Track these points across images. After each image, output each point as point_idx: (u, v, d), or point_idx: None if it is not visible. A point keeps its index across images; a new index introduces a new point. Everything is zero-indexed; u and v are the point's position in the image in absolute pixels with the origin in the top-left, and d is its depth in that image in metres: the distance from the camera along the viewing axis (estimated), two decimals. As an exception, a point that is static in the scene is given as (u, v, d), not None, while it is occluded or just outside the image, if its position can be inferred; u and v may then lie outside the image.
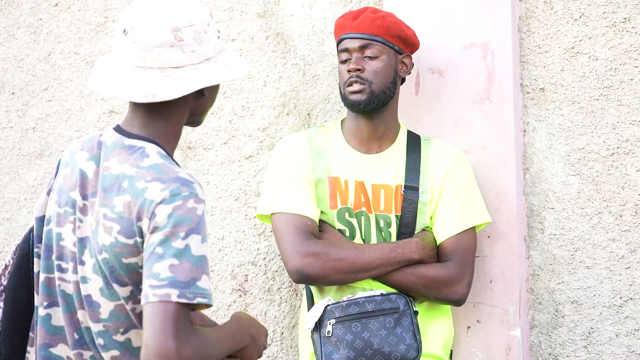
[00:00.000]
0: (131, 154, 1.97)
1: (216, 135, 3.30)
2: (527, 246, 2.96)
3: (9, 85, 3.59)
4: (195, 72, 1.99)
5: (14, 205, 3.57)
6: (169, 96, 1.95)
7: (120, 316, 1.95)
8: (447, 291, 2.74)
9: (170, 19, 1.97)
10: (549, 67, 2.95)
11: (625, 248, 2.86)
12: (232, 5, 3.32)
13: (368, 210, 2.76)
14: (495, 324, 2.90)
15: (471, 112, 2.94)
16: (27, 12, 3.58)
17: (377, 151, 2.81)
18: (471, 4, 2.95)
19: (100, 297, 1.94)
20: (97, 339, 1.96)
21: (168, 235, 1.86)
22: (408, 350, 2.64)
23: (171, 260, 1.85)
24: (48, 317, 2.03)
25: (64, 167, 2.06)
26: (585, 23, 2.90)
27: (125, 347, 1.96)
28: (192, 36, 1.98)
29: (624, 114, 2.86)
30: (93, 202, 1.98)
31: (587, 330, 2.90)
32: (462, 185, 2.81)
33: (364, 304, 2.65)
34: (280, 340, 3.20)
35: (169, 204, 1.88)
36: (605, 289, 2.89)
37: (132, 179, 1.93)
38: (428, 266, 2.74)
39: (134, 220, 1.90)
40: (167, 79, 1.96)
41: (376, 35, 2.75)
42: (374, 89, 2.74)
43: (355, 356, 2.63)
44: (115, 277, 1.93)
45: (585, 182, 2.92)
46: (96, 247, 1.94)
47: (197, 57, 1.99)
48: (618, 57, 2.87)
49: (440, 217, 2.77)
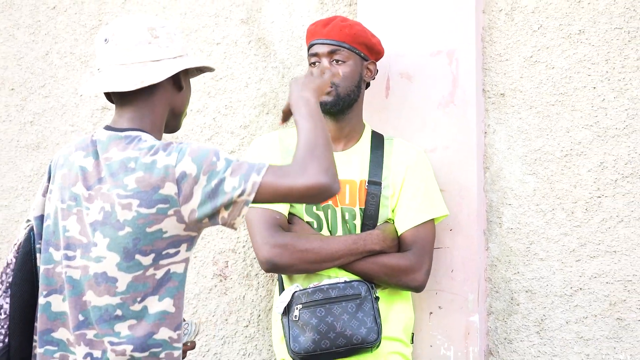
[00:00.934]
0: (129, 142, 2.09)
1: (201, 131, 3.32)
2: (486, 239, 3.01)
3: (8, 81, 3.58)
4: (173, 62, 2.14)
5: (12, 194, 3.55)
6: (156, 79, 2.10)
7: (138, 286, 2.04)
8: (406, 279, 2.80)
9: (145, 22, 2.15)
10: (509, 74, 2.99)
11: (576, 242, 2.92)
12: (218, 12, 3.32)
13: (334, 203, 2.81)
14: (455, 310, 2.95)
15: (437, 115, 2.97)
16: (27, 14, 3.57)
17: (342, 149, 2.86)
18: (439, 15, 2.98)
19: (117, 272, 2.04)
20: (114, 313, 2.04)
21: (209, 168, 2.02)
22: (369, 333, 2.70)
23: (228, 172, 2.01)
24: (48, 305, 2.11)
25: (59, 169, 2.15)
26: (543, 34, 2.95)
27: (142, 315, 2.05)
28: (165, 35, 2.15)
29: (577, 118, 2.92)
30: (98, 189, 2.07)
31: (540, 317, 2.96)
32: (421, 180, 2.85)
33: (327, 290, 2.71)
34: (257, 322, 3.23)
35: (183, 157, 2.03)
36: (557, 280, 2.94)
37: (137, 159, 2.05)
38: (389, 256, 2.79)
39: (154, 190, 2.03)
40: (149, 69, 2.12)
41: (344, 42, 2.80)
42: (340, 91, 2.79)
43: (319, 339, 2.70)
44: (139, 248, 2.03)
45: (540, 180, 2.96)
46: (117, 225, 2.04)
47: (172, 52, 2.15)
48: (573, 66, 2.92)
49: (401, 210, 2.81)
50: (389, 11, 3.03)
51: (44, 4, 3.54)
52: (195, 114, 3.33)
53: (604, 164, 2.90)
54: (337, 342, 2.70)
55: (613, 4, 2.88)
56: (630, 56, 2.86)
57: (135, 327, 2.05)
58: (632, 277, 2.87)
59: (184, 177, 2.03)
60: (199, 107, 3.32)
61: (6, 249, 3.58)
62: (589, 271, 2.91)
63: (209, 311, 3.28)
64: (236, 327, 3.26)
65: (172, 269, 2.07)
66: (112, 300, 2.05)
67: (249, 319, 3.24)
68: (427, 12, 3.00)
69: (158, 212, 2.03)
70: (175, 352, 2.08)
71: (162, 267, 2.05)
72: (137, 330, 2.05)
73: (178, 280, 2.08)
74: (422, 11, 3.01)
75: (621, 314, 2.88)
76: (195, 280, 3.26)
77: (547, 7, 2.94)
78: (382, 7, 3.03)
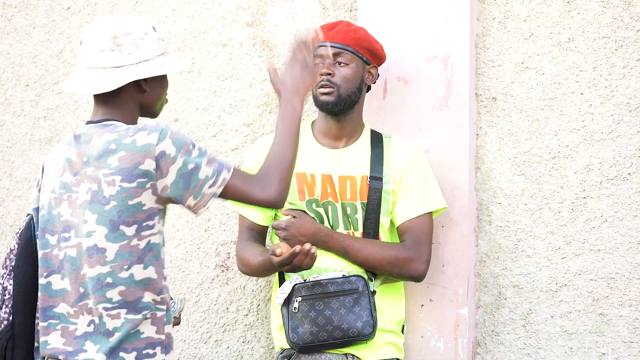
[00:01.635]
0: (105, 127, 2.28)
1: (206, 129, 3.33)
2: (476, 236, 3.03)
3: (24, 78, 3.59)
4: (132, 70, 2.27)
5: (25, 185, 3.58)
6: (108, 88, 2.26)
7: (124, 254, 2.22)
8: (408, 268, 2.83)
9: (111, 29, 2.28)
10: (500, 79, 3.01)
11: (562, 240, 2.95)
12: (224, 15, 3.33)
13: (334, 199, 2.86)
14: (445, 303, 2.98)
15: (431, 117, 3.00)
16: (42, 14, 3.57)
17: (344, 146, 2.90)
18: (435, 22, 3.00)
19: (105, 243, 2.22)
20: (105, 280, 2.23)
21: (186, 153, 2.21)
22: (364, 327, 2.76)
23: (204, 162, 2.21)
24: (49, 284, 2.29)
25: (49, 165, 2.34)
26: (534, 42, 2.97)
27: (129, 282, 2.23)
28: (129, 42, 2.27)
29: (565, 122, 2.95)
30: (84, 173, 2.26)
31: (526, 312, 2.99)
32: (419, 175, 2.88)
33: (326, 285, 2.77)
34: (257, 312, 3.26)
35: (164, 138, 2.22)
36: (543, 276, 2.96)
37: (117, 140, 2.24)
38: (390, 247, 2.84)
39: (134, 166, 2.21)
40: (109, 76, 2.27)
41: (348, 46, 2.84)
42: (342, 92, 2.83)
43: (317, 331, 2.76)
44: (123, 219, 2.21)
45: (529, 181, 2.98)
46: (103, 201, 2.22)
47: (135, 58, 2.28)
48: (562, 73, 2.95)
49: (400, 203, 2.85)
50: (388, 17, 3.06)
51: (59, 5, 3.56)
52: (201, 112, 3.35)
53: (590, 166, 2.93)
54: (334, 334, 2.76)
55: (601, 14, 2.91)
56: (617, 64, 2.90)
57: (124, 293, 2.24)
58: (615, 275, 2.91)
59: (163, 155, 2.21)
60: (204, 106, 3.34)
61: (17, 237, 3.65)
62: (573, 268, 2.94)
63: (211, 300, 3.32)
64: (236, 316, 3.30)
65: (151, 240, 2.25)
66: (102, 269, 2.24)
67: (248, 308, 3.27)
68: (424, 19, 3.03)
69: (138, 186, 2.22)
70: (158, 312, 2.27)
71: (144, 238, 2.24)
72: (126, 295, 2.24)
73: (157, 250, 2.26)
74: (419, 18, 3.03)
75: (604, 309, 2.91)
76: (198, 271, 3.33)
77: (538, 16, 2.97)
78: (381, 13, 3.06)
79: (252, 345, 3.28)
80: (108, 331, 2.25)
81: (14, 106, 3.62)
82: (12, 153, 3.62)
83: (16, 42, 3.62)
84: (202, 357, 3.34)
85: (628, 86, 2.90)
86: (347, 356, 2.82)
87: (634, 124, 2.90)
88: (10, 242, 3.50)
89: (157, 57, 2.32)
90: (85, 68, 2.31)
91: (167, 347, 2.30)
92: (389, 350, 2.86)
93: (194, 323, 3.35)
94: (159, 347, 2.28)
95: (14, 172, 3.62)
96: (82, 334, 2.26)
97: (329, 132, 2.92)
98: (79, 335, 2.27)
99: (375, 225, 2.87)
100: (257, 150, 2.94)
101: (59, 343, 2.28)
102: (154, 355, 2.27)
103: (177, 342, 3.35)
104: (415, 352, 3.02)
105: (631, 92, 2.90)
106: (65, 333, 2.28)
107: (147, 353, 2.26)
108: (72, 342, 2.27)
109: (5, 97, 3.64)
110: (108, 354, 2.24)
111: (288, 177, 2.29)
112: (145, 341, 2.26)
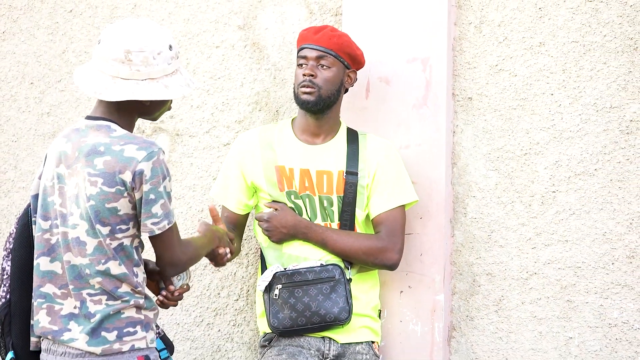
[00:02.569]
0: (100, 129, 2.34)
1: (200, 125, 3.36)
2: (452, 227, 3.07)
3: (28, 76, 3.60)
4: (136, 86, 2.30)
5: (29, 177, 3.60)
6: (108, 98, 2.32)
7: (102, 250, 2.31)
8: (382, 257, 2.89)
9: (126, 42, 2.31)
10: (476, 81, 3.04)
11: (532, 232, 2.98)
12: (217, 18, 3.34)
13: (312, 192, 2.91)
14: (423, 289, 3.03)
15: (411, 115, 3.04)
16: (46, 16, 3.57)
17: (321, 142, 2.95)
18: (415, 26, 3.04)
19: (86, 237, 2.32)
20: (84, 271, 2.32)
21: (155, 184, 2.27)
22: (340, 312, 2.83)
23: (161, 201, 2.27)
24: (38, 265, 2.38)
25: (49, 156, 2.42)
26: (508, 45, 3.00)
27: (105, 274, 2.33)
28: (140, 59, 2.30)
29: (536, 121, 2.97)
30: (75, 168, 2.33)
31: (499, 298, 3.02)
32: (393, 170, 2.93)
33: (305, 273, 2.84)
34: (246, 297, 3.31)
35: (149, 160, 2.27)
36: (515, 265, 3.00)
37: (108, 145, 2.30)
38: (365, 238, 2.90)
39: (115, 173, 2.28)
40: (113, 84, 2.32)
41: (331, 50, 2.89)
42: (322, 93, 2.88)
43: (296, 316, 2.83)
44: (99, 219, 2.29)
45: (501, 176, 3.01)
46: (84, 198, 2.29)
47: (141, 75, 2.31)
48: (533, 75, 2.97)
49: (375, 197, 2.92)
50: (371, 21, 3.09)
51: (62, 8, 3.56)
52: (195, 110, 3.36)
53: (559, 162, 2.96)
54: (312, 319, 2.84)
55: (570, 20, 2.94)
56: (585, 67, 2.93)
57: (102, 283, 2.33)
58: (582, 264, 2.95)
59: (141, 173, 2.29)
60: (198, 103, 3.35)
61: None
62: (543, 258, 2.97)
63: (203, 286, 3.37)
64: (227, 301, 3.34)
65: (124, 242, 2.34)
66: (83, 260, 2.33)
67: (238, 294, 3.32)
68: (404, 23, 3.05)
69: (116, 192, 2.30)
70: (140, 300, 2.36)
71: (117, 240, 2.33)
72: (105, 285, 2.33)
73: (128, 251, 2.35)
74: (400, 22, 3.06)
75: (571, 296, 2.95)
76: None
77: (512, 21, 2.99)
78: (364, 17, 3.10)
79: (242, 329, 3.32)
80: (90, 314, 2.33)
81: (19, 103, 3.64)
82: (17, 147, 3.64)
83: (21, 42, 3.63)
84: (195, 339, 3.37)
85: (595, 87, 2.93)
86: (324, 339, 2.89)
87: (600, 123, 2.92)
88: (12, 228, 3.64)
89: (165, 77, 2.35)
90: (96, 68, 2.35)
91: (147, 326, 2.37)
92: (364, 333, 2.94)
93: (187, 307, 3.38)
94: (139, 326, 2.35)
95: (19, 165, 3.63)
96: (67, 314, 2.35)
97: (307, 129, 2.97)
98: (64, 315, 2.35)
99: (351, 218, 2.92)
100: (242, 143, 2.99)
101: (46, 322, 2.36)
102: (135, 333, 2.34)
103: (172, 325, 3.38)
104: (394, 335, 3.07)
105: (598, 93, 2.92)
106: (50, 312, 2.36)
107: (128, 331, 2.34)
108: (57, 321, 2.35)
109: (11, 94, 3.65)
110: (90, 334, 2.32)
111: (192, 264, 2.47)
112: (125, 320, 2.34)
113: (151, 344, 2.38)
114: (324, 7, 3.22)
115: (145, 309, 2.37)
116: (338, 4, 3.19)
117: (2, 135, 3.67)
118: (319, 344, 2.89)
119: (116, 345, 2.33)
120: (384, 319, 3.07)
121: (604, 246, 2.93)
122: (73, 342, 2.33)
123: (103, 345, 2.32)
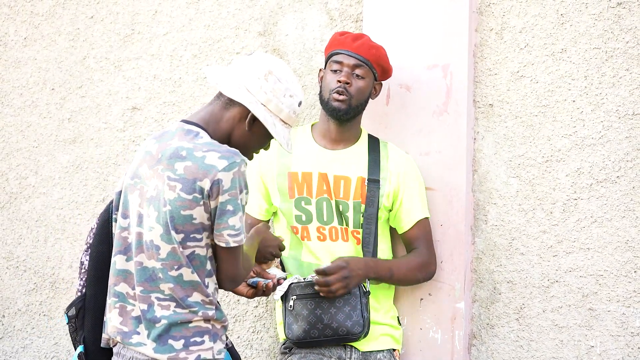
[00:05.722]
0: (188, 134, 2.33)
1: None
2: (472, 234, 3.08)
3: (49, 82, 3.62)
4: (252, 102, 2.34)
5: (50, 182, 3.61)
6: (224, 90, 2.33)
7: (175, 256, 2.30)
8: (428, 270, 2.97)
9: (274, 68, 2.35)
10: (497, 87, 3.05)
11: (554, 239, 2.99)
12: (238, 25, 3.37)
13: (329, 196, 2.91)
14: (443, 297, 3.03)
15: (431, 122, 3.05)
16: (67, 22, 3.60)
17: (342, 148, 2.95)
18: (435, 33, 3.06)
19: (160, 241, 2.30)
20: (157, 274, 2.31)
21: (233, 195, 2.26)
22: (354, 326, 2.82)
23: (239, 214, 2.27)
24: (114, 263, 2.39)
25: (137, 154, 2.42)
26: (529, 52, 3.01)
27: (177, 281, 2.31)
28: (271, 86, 2.34)
29: (557, 128, 2.98)
30: (156, 170, 2.32)
31: (519, 306, 3.03)
32: (417, 183, 2.96)
33: None
34: (266, 304, 3.33)
35: (229, 170, 2.26)
36: (536, 272, 3.01)
37: (190, 150, 2.29)
38: (412, 257, 2.92)
39: (194, 180, 2.26)
40: (236, 87, 2.35)
41: (368, 60, 2.88)
42: (353, 102, 2.88)
43: (309, 328, 2.82)
44: (174, 225, 2.28)
45: (523, 183, 3.02)
46: (162, 202, 2.29)
47: (262, 98, 2.34)
48: (555, 81, 2.98)
49: (403, 211, 2.92)
50: (391, 28, 3.11)
51: (83, 14, 3.59)
52: None
53: (581, 169, 2.97)
54: (325, 332, 2.82)
55: (593, 26, 2.95)
56: (607, 74, 2.93)
57: (174, 289, 2.31)
58: (603, 272, 2.95)
59: (219, 182, 2.27)
60: None
61: (44, 232, 3.64)
62: (564, 265, 2.98)
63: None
64: (247, 308, 3.37)
65: (196, 251, 2.32)
66: (156, 264, 2.33)
67: (258, 300, 3.34)
68: (425, 30, 3.08)
69: (193, 200, 2.28)
70: (209, 311, 2.34)
71: (189, 248, 2.30)
72: (175, 292, 2.31)
73: (200, 260, 2.32)
74: (421, 29, 3.08)
75: (592, 304, 2.96)
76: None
77: (533, 27, 3.01)
78: (385, 24, 3.12)
79: (261, 335, 3.34)
80: (155, 318, 2.32)
81: (40, 108, 3.66)
82: (38, 152, 3.66)
83: (43, 48, 3.66)
84: (215, 346, 3.42)
85: (617, 94, 2.94)
86: (345, 347, 2.89)
87: (622, 130, 2.93)
88: (35, 236, 3.64)
89: (278, 120, 2.37)
90: (232, 70, 2.36)
91: (215, 336, 2.35)
92: (385, 341, 2.94)
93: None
94: (207, 336, 2.34)
95: (39, 171, 3.66)
96: (137, 316, 2.35)
97: (328, 135, 2.97)
98: (135, 316, 2.36)
99: (376, 224, 2.93)
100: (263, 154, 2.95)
101: (117, 322, 2.37)
102: (202, 342, 2.33)
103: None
104: (414, 343, 3.07)
105: (620, 100, 2.93)
106: (122, 312, 2.37)
107: (195, 341, 2.32)
108: (128, 323, 2.36)
109: (32, 100, 3.67)
110: (157, 340, 2.32)
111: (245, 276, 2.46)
112: (193, 329, 2.32)
113: (218, 355, 2.37)
114: (344, 14, 3.24)
115: (215, 320, 2.36)
116: (359, 10, 3.21)
117: (23, 141, 3.69)
118: (340, 351, 2.89)
119: (182, 354, 2.32)
120: (404, 326, 3.07)
121: (626, 254, 2.93)
122: (141, 347, 2.35)
123: (169, 354, 2.33)
